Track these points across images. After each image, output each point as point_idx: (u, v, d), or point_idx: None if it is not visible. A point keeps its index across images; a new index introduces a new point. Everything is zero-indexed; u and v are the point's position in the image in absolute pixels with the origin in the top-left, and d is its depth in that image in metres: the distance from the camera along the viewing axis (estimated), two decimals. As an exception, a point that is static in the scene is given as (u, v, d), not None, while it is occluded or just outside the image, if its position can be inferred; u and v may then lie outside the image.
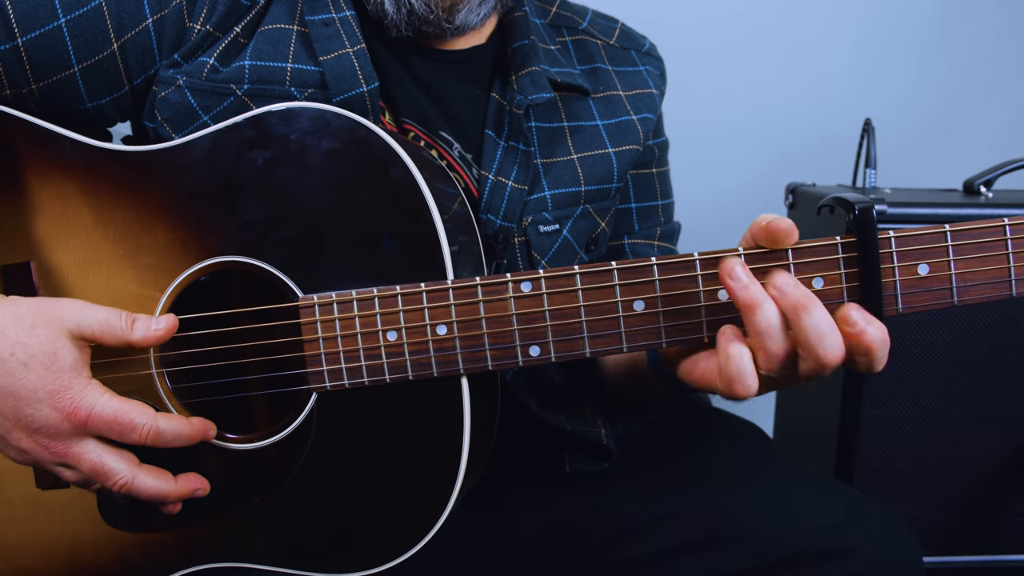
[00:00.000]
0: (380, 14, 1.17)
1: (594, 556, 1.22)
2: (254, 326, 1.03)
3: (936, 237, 0.90)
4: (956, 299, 0.90)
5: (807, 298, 0.88)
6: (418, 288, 0.98)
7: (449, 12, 1.16)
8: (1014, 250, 0.89)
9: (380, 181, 0.99)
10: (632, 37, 1.40)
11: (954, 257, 0.90)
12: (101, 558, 1.10)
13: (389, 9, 1.15)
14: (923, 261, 0.90)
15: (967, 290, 0.90)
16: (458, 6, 1.16)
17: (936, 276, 0.90)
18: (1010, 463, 1.81)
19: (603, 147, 1.28)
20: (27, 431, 0.97)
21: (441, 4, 1.15)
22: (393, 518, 1.03)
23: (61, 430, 0.97)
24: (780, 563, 1.14)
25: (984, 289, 0.90)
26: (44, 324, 0.97)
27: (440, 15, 1.15)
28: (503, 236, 1.19)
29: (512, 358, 0.98)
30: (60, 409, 0.96)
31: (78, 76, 1.12)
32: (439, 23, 1.16)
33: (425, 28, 1.17)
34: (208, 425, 1.03)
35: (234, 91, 1.12)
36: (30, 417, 0.96)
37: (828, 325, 0.88)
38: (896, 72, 2.47)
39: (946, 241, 0.90)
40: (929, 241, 0.90)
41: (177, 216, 1.04)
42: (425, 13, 1.15)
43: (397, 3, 1.14)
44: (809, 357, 0.89)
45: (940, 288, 0.91)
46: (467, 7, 1.16)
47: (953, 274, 0.90)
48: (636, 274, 0.95)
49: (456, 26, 1.18)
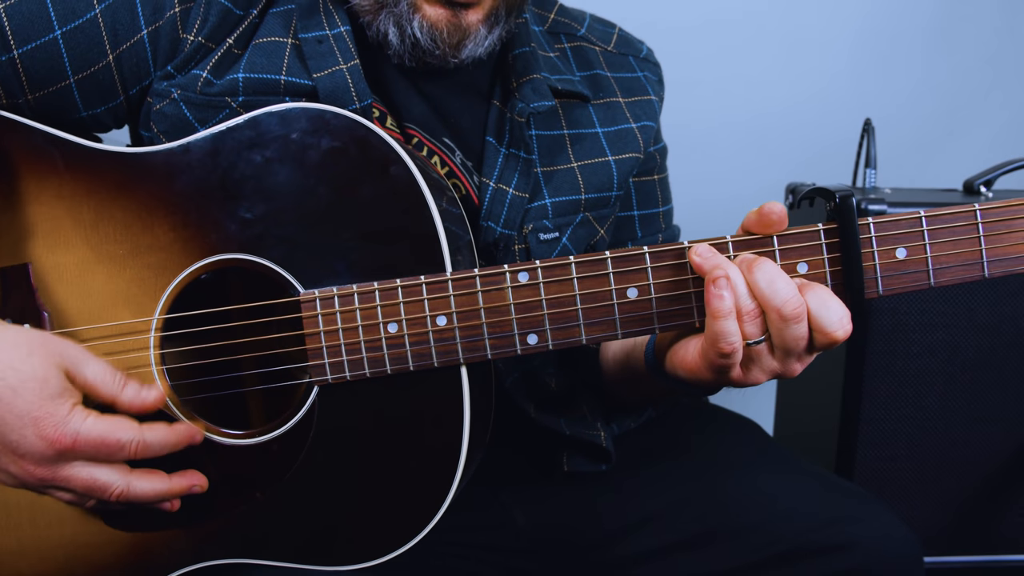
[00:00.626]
0: (382, 43, 1.16)
1: (592, 553, 1.22)
2: (256, 321, 1.04)
3: (912, 222, 0.95)
4: (933, 281, 0.96)
5: (755, 257, 0.95)
6: (418, 280, 1.00)
7: (456, 47, 1.15)
8: (985, 233, 0.95)
9: (379, 178, 1.01)
10: (630, 43, 1.40)
11: (930, 241, 0.95)
12: (101, 560, 1.10)
13: (393, 40, 1.14)
14: (901, 245, 0.95)
15: (942, 272, 0.95)
16: (465, 41, 1.15)
17: (913, 259, 0.95)
18: (1010, 463, 1.82)
19: (603, 155, 1.28)
20: (14, 456, 0.96)
21: (448, 40, 1.13)
22: (395, 508, 1.04)
23: (46, 456, 0.95)
24: (780, 557, 1.14)
25: (958, 271, 0.95)
26: (41, 354, 0.95)
27: (447, 50, 1.14)
28: (503, 243, 1.19)
29: (511, 347, 1.00)
30: (44, 437, 0.94)
31: (74, 87, 1.13)
32: (445, 56, 1.15)
33: (430, 60, 1.16)
34: (195, 429, 1.03)
35: (229, 103, 1.12)
36: (16, 444, 0.95)
37: (776, 273, 0.93)
38: (896, 72, 2.47)
39: (922, 226, 0.95)
40: (906, 226, 0.95)
41: (178, 215, 1.05)
42: (431, 48, 1.14)
43: (401, 36, 1.13)
44: (771, 311, 0.93)
45: (917, 271, 0.96)
46: (473, 42, 1.15)
47: (929, 257, 0.95)
48: (629, 262, 0.98)
49: (462, 60, 1.16)
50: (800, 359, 0.97)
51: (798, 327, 0.93)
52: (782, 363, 0.96)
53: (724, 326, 0.93)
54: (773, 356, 0.96)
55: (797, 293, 0.93)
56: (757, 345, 0.95)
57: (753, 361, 0.97)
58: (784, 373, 0.98)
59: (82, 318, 1.07)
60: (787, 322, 0.93)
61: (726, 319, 0.93)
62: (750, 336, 0.94)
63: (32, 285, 1.07)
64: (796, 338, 0.94)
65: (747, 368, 0.98)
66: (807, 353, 0.96)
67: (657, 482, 1.26)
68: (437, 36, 1.13)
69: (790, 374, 0.98)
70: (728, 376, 0.98)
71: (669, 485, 1.25)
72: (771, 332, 0.94)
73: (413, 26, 1.12)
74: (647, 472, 1.28)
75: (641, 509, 1.23)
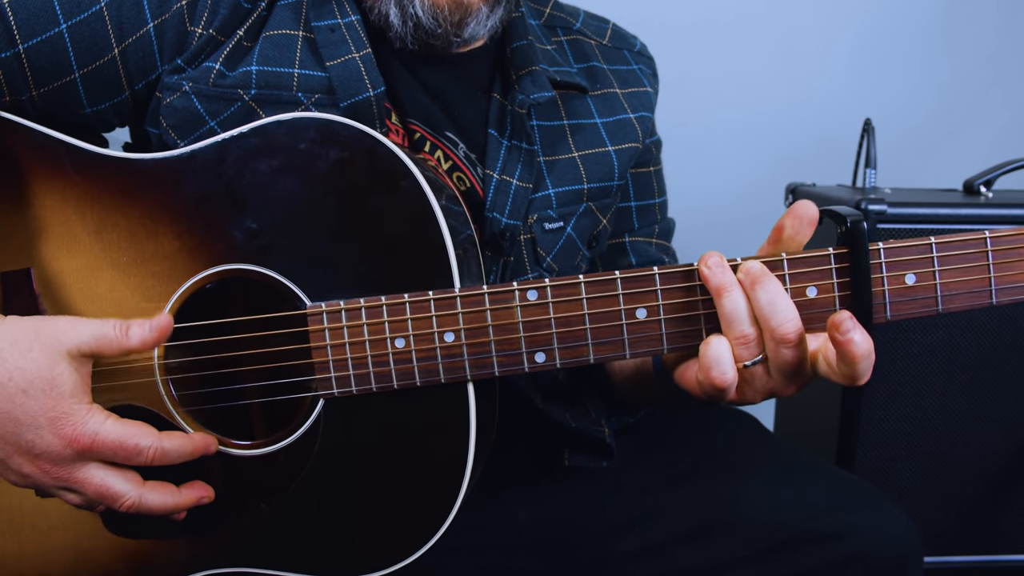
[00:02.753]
0: (384, 26, 1.16)
1: (594, 548, 1.24)
2: (261, 333, 1.04)
3: (922, 249, 0.95)
4: (941, 307, 0.96)
5: (763, 273, 0.94)
6: (426, 296, 0.99)
7: (458, 26, 1.15)
8: (994, 261, 0.95)
9: (387, 190, 1.00)
10: (624, 37, 1.41)
11: (939, 268, 0.95)
12: (103, 566, 1.10)
13: (395, 22, 1.15)
14: (910, 271, 0.95)
15: (951, 299, 0.96)
16: (467, 20, 1.15)
17: (922, 286, 0.96)
18: (1010, 463, 1.82)
19: (603, 145, 1.29)
20: (28, 456, 0.96)
21: (450, 18, 1.14)
22: (399, 521, 1.04)
23: (64, 456, 0.96)
24: (779, 546, 1.16)
25: (967, 298, 0.96)
26: (41, 347, 0.96)
27: (449, 29, 1.15)
28: (509, 234, 1.20)
29: (518, 364, 1.00)
30: (62, 436, 0.95)
31: (79, 82, 1.12)
32: (447, 36, 1.16)
33: (432, 41, 1.16)
34: (210, 440, 1.03)
35: (241, 96, 1.12)
36: (31, 443, 0.95)
37: (779, 294, 0.93)
38: (896, 72, 2.47)
39: (932, 252, 0.95)
40: (916, 253, 0.95)
41: (183, 224, 1.04)
42: (433, 27, 1.14)
43: (403, 16, 1.14)
44: (767, 331, 0.93)
45: (926, 297, 0.96)
46: (475, 20, 1.16)
47: (938, 284, 0.95)
48: (639, 283, 0.98)
49: (464, 39, 1.17)
50: (794, 381, 0.97)
51: (795, 350, 0.94)
52: (779, 384, 0.97)
53: (720, 354, 0.95)
54: (770, 377, 0.97)
55: (796, 315, 0.93)
56: (753, 367, 0.96)
57: (747, 383, 0.98)
58: (780, 394, 0.98)
59: None
60: (783, 344, 0.93)
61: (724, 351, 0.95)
62: (741, 359, 0.95)
63: (34, 290, 1.07)
64: (791, 361, 0.94)
65: (740, 391, 0.99)
66: (803, 375, 0.96)
67: (658, 477, 1.27)
68: (439, 14, 1.14)
69: (783, 395, 0.98)
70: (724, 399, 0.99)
71: (670, 480, 1.27)
72: (767, 352, 0.95)
73: (415, 5, 1.13)
74: (648, 467, 1.30)
75: (642, 504, 1.24)
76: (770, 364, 0.96)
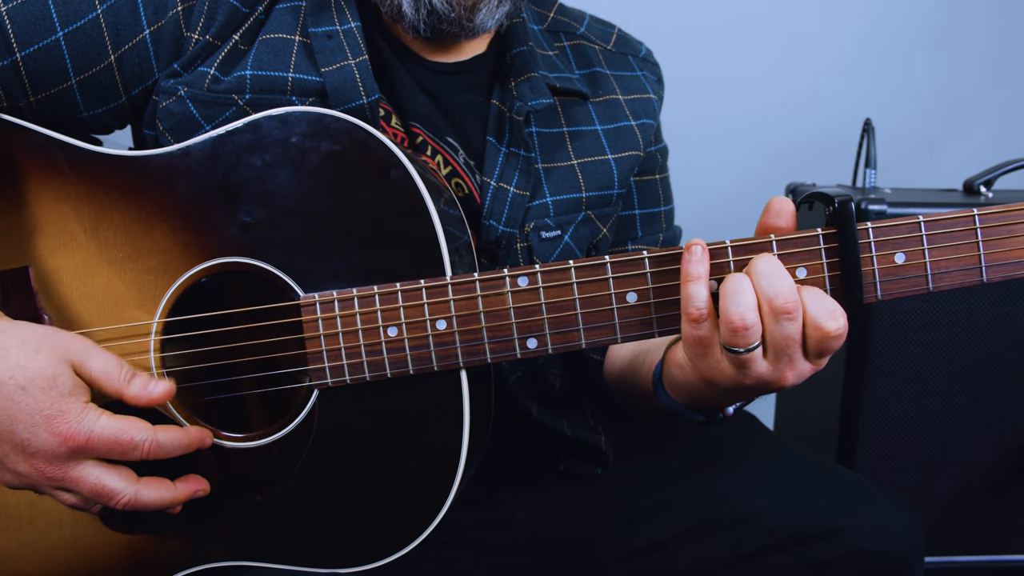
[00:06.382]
0: (397, 16, 1.17)
1: (594, 548, 1.23)
2: (256, 325, 1.04)
3: (911, 227, 0.95)
4: (931, 286, 0.95)
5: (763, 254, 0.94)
6: (418, 285, 1.00)
7: (470, 11, 1.15)
8: (984, 239, 0.94)
9: (379, 182, 1.01)
10: (629, 43, 1.40)
11: (928, 246, 0.95)
12: (101, 562, 1.10)
13: (407, 11, 1.15)
14: (900, 250, 0.95)
15: (941, 277, 0.95)
16: (479, 5, 1.15)
17: (912, 264, 0.95)
18: (1010, 463, 1.82)
19: (603, 153, 1.28)
20: (24, 454, 0.97)
21: (464, 3, 1.14)
22: (395, 511, 1.04)
23: (58, 454, 0.96)
24: (780, 543, 1.16)
25: (957, 276, 0.95)
26: (48, 350, 0.96)
27: (462, 13, 1.15)
28: (506, 242, 1.20)
29: (510, 351, 1.00)
30: (57, 434, 0.95)
31: (75, 88, 1.13)
32: (460, 21, 1.16)
33: (444, 27, 1.16)
34: (205, 432, 1.04)
35: (236, 101, 1.12)
36: (26, 441, 0.96)
37: (775, 265, 0.93)
38: (896, 72, 2.48)
39: (920, 231, 0.95)
40: (905, 231, 0.95)
41: (178, 219, 1.05)
42: (446, 12, 1.14)
43: (416, 3, 1.14)
44: (763, 301, 0.92)
45: (916, 275, 0.95)
46: (487, 7, 1.16)
47: (928, 262, 0.95)
48: (628, 267, 0.98)
49: (475, 26, 1.17)
50: (791, 364, 0.94)
51: (791, 324, 0.92)
52: (773, 366, 0.94)
53: (691, 290, 0.93)
54: (765, 358, 0.94)
55: (794, 287, 0.92)
56: (752, 352, 0.93)
57: (744, 366, 0.95)
58: (774, 379, 0.95)
59: (82, 321, 1.07)
60: (780, 316, 0.91)
61: (694, 283, 0.93)
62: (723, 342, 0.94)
63: (32, 288, 1.07)
64: (788, 336, 0.92)
65: (738, 368, 0.96)
66: (800, 356, 0.94)
67: (657, 476, 1.27)
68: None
69: (780, 381, 0.96)
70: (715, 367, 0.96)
71: (670, 478, 1.26)
72: (765, 329, 0.93)
73: None
74: (647, 466, 1.29)
75: (642, 503, 1.24)
76: (767, 341, 0.93)
